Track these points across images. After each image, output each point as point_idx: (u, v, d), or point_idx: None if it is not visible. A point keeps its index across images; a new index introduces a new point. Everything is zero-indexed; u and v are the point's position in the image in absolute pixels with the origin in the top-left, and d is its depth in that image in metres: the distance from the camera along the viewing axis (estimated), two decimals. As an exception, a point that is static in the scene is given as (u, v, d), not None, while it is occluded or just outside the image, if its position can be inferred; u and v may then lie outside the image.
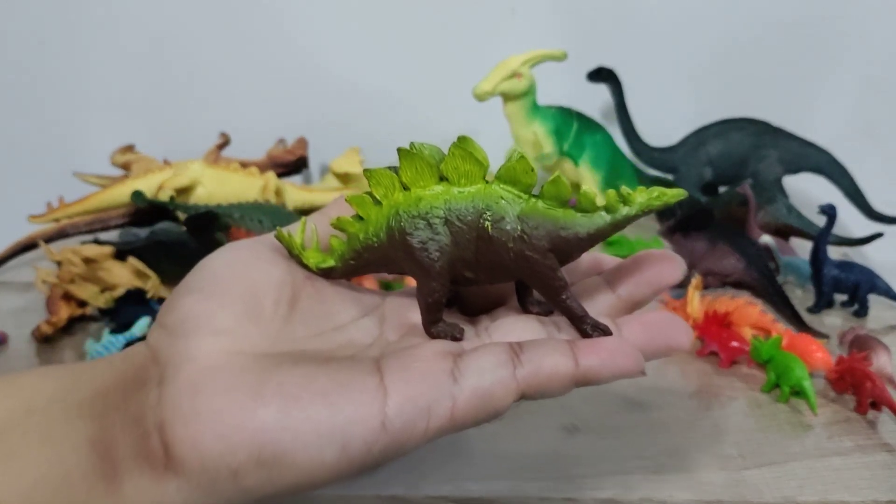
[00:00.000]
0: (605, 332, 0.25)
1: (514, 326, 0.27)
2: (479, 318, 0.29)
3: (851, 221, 0.68)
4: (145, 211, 0.62)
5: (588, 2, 0.77)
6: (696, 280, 0.49)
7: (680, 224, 0.53)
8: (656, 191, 0.24)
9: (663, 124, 0.75)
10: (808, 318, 0.50)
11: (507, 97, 0.66)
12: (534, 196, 0.26)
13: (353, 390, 0.22)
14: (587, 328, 0.26)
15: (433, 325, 0.27)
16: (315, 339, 0.27)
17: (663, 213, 0.54)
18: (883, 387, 0.38)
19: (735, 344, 0.44)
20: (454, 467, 0.34)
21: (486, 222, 0.26)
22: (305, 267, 0.29)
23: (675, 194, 0.24)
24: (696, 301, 0.47)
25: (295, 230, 0.29)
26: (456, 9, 0.77)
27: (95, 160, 0.70)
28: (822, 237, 0.51)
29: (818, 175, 0.69)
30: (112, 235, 0.60)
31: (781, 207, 0.56)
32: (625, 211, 0.25)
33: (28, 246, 0.62)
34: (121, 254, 0.52)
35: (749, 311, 0.46)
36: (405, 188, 0.27)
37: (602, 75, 0.71)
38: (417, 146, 0.26)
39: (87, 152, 0.75)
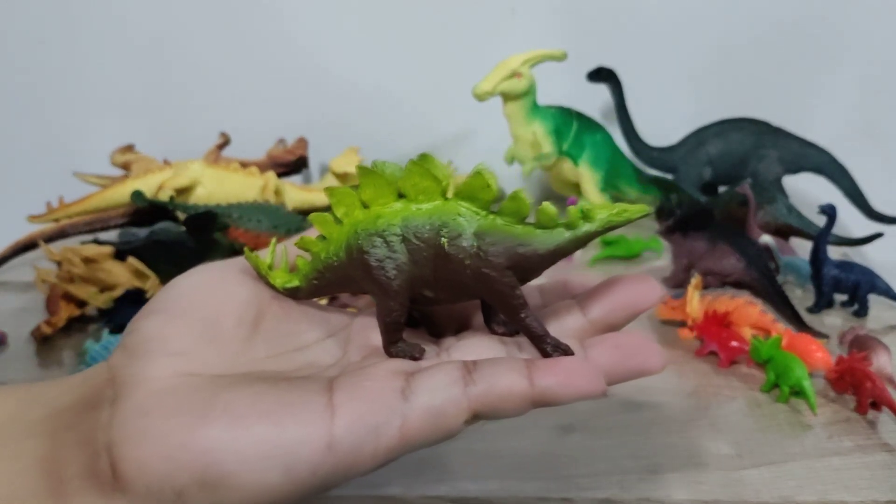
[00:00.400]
0: (567, 352, 0.25)
1: (474, 346, 0.27)
2: (444, 339, 0.29)
3: (851, 221, 0.68)
4: (145, 211, 0.62)
5: (588, 2, 0.77)
6: (695, 280, 0.49)
7: (679, 224, 0.53)
8: (617, 207, 0.24)
9: (663, 124, 0.75)
10: (808, 318, 0.50)
11: (507, 97, 0.66)
12: (492, 212, 0.25)
13: (299, 410, 0.22)
14: (547, 348, 0.25)
15: (392, 346, 0.27)
16: (275, 360, 0.27)
17: (662, 213, 0.54)
18: (883, 387, 0.38)
19: (735, 344, 0.44)
20: (450, 467, 0.34)
21: (443, 239, 0.25)
22: (273, 287, 0.29)
23: (637, 210, 0.24)
24: (695, 301, 0.47)
25: (265, 254, 0.29)
26: (456, 9, 0.77)
27: (95, 160, 0.70)
28: (822, 237, 0.51)
29: (818, 175, 0.69)
30: (112, 235, 0.60)
31: (781, 207, 0.56)
32: (585, 227, 0.24)
33: (28, 246, 0.62)
34: (120, 254, 0.52)
35: (749, 311, 0.46)
36: (366, 206, 0.27)
37: (602, 75, 0.71)
38: (379, 164, 0.26)
39: (87, 152, 0.75)
